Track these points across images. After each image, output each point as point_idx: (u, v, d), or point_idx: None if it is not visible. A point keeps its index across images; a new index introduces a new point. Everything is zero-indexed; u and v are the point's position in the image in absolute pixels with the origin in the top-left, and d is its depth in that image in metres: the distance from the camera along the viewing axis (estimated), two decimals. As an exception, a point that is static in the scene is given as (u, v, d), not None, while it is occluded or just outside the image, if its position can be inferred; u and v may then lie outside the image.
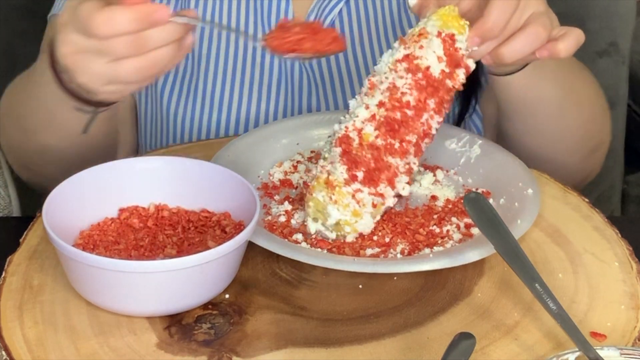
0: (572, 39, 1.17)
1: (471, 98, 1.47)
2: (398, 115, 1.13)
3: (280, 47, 1.11)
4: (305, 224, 1.15)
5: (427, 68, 1.14)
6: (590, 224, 1.20)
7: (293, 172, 1.26)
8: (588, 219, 1.21)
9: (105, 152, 1.37)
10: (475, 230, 1.16)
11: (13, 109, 1.34)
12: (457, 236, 1.16)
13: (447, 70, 1.14)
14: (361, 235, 1.15)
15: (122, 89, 1.11)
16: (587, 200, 1.24)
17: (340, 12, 1.44)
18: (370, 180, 1.12)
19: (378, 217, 1.15)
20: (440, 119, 1.16)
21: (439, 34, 1.14)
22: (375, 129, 1.13)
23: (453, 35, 1.14)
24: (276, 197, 1.22)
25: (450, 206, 1.21)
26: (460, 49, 1.15)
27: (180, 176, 1.15)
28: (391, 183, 1.13)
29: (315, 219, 1.14)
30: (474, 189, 1.24)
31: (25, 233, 1.15)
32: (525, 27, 1.15)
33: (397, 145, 1.13)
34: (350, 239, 1.13)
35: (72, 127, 1.23)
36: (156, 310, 1.04)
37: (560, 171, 1.31)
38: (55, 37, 1.10)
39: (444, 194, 1.23)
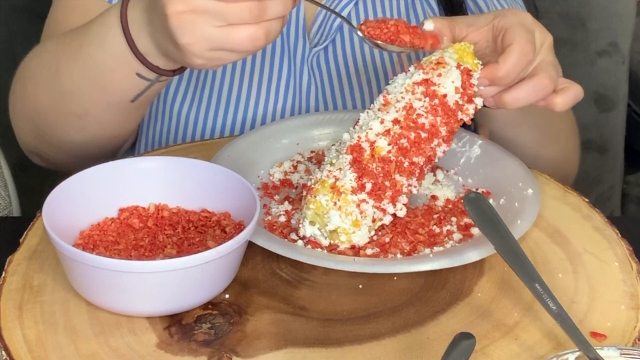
0: (571, 94, 1.19)
1: None
2: (412, 135, 1.15)
3: (379, 37, 1.16)
4: (301, 225, 1.14)
5: (444, 96, 1.16)
6: (590, 224, 1.20)
7: (293, 172, 1.26)
8: (588, 219, 1.21)
9: (124, 140, 1.36)
10: (475, 230, 1.16)
11: (46, 70, 1.29)
12: (457, 236, 1.16)
13: (460, 102, 1.17)
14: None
15: (226, 57, 1.09)
16: (587, 200, 1.24)
17: (348, 14, 1.44)
18: (377, 193, 1.12)
19: (372, 233, 1.15)
20: (446, 148, 1.17)
21: (458, 65, 1.17)
22: (389, 144, 1.14)
23: (470, 70, 1.17)
24: (276, 197, 1.22)
25: (450, 206, 1.21)
26: (474, 85, 1.17)
27: (180, 176, 1.15)
28: (393, 201, 1.14)
29: (312, 222, 1.13)
30: (474, 189, 1.24)
31: (25, 233, 1.15)
32: (533, 77, 1.17)
33: (406, 164, 1.14)
34: (342, 247, 1.13)
35: (122, 94, 1.21)
36: (156, 310, 1.04)
37: None
38: None
39: (444, 194, 1.23)
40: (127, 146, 1.47)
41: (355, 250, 1.13)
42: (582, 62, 1.96)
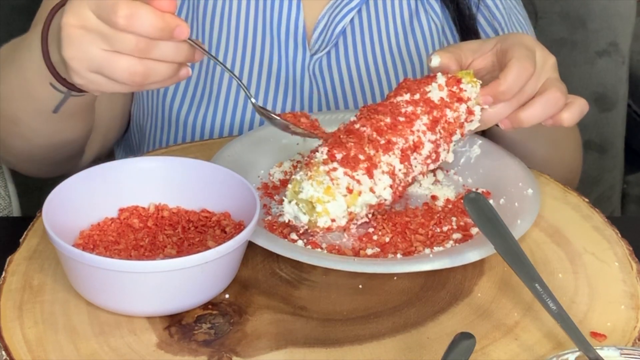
0: (577, 108, 1.20)
1: None
2: (388, 119, 1.16)
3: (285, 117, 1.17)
4: (284, 210, 1.14)
5: (426, 92, 1.18)
6: (590, 224, 1.20)
7: (293, 172, 1.26)
8: (588, 219, 1.21)
9: (73, 150, 1.35)
10: (475, 230, 1.16)
11: None
12: (457, 236, 1.16)
13: (447, 100, 1.18)
14: (361, 236, 1.15)
15: (103, 84, 1.08)
16: (587, 200, 1.24)
17: (352, 20, 1.44)
18: (348, 163, 1.12)
19: (357, 210, 1.14)
20: (434, 138, 1.17)
21: (445, 73, 1.20)
22: (363, 126, 1.15)
23: (460, 79, 1.19)
24: (276, 197, 1.22)
25: (450, 206, 1.21)
26: (465, 91, 1.19)
27: (180, 176, 1.15)
28: (369, 173, 1.13)
29: (290, 201, 1.13)
30: (474, 189, 1.24)
31: (25, 233, 1.15)
32: (544, 93, 1.18)
33: (382, 141, 1.15)
34: (322, 223, 1.12)
35: (43, 103, 1.21)
36: (156, 310, 1.04)
37: None
38: (67, 5, 1.07)
39: (444, 194, 1.23)
40: (94, 154, 1.46)
41: (356, 251, 1.13)
42: (582, 62, 1.96)
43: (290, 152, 1.30)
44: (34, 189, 1.67)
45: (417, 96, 1.18)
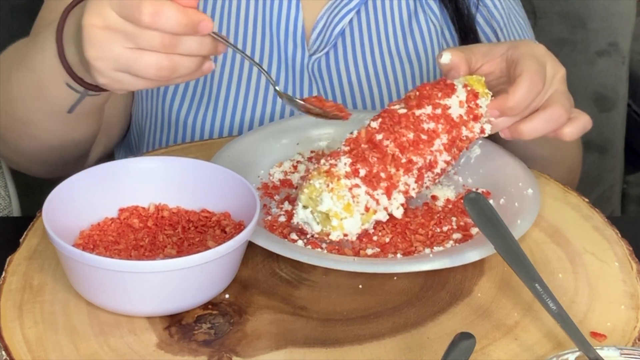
0: (579, 124, 1.21)
1: None
2: (411, 135, 1.15)
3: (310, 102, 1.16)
4: (294, 211, 1.14)
5: (448, 107, 1.17)
6: (590, 224, 1.20)
7: (293, 172, 1.26)
8: (588, 219, 1.21)
9: (82, 150, 1.36)
10: (475, 230, 1.16)
11: (2, 74, 1.30)
12: (457, 236, 1.16)
13: (465, 117, 1.18)
14: (360, 235, 1.15)
15: (129, 81, 1.08)
16: (587, 200, 1.24)
17: (350, 21, 1.44)
18: (370, 181, 1.12)
19: (367, 226, 1.14)
20: (448, 159, 1.18)
21: (465, 86, 1.19)
22: (387, 139, 1.14)
23: (477, 93, 1.19)
24: (276, 197, 1.22)
25: (450, 206, 1.21)
26: (481, 107, 1.19)
27: (180, 176, 1.15)
28: (388, 193, 1.13)
29: (305, 207, 1.13)
30: (474, 189, 1.24)
31: (25, 233, 1.15)
32: (547, 108, 1.18)
33: (403, 160, 1.14)
34: (334, 237, 1.13)
35: (58, 104, 1.21)
36: (156, 310, 1.04)
37: None
38: (87, 5, 1.07)
39: (444, 194, 1.23)
40: (98, 154, 1.46)
41: (356, 251, 1.13)
42: (582, 62, 1.96)
43: (290, 152, 1.30)
44: (34, 189, 1.67)
45: (438, 111, 1.17)
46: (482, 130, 1.20)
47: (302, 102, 1.15)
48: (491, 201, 1.20)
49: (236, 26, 1.43)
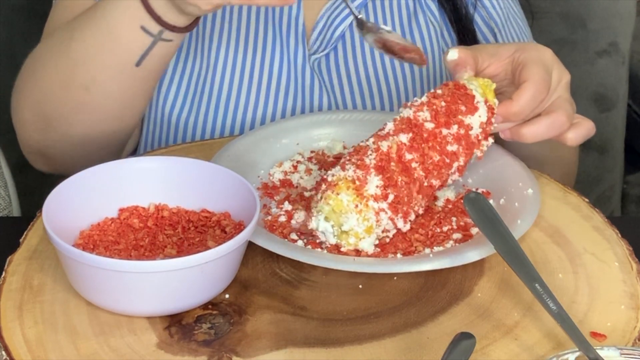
0: (582, 130, 1.21)
1: None
2: (437, 158, 1.16)
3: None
4: (311, 216, 1.13)
5: (470, 128, 1.18)
6: (590, 224, 1.20)
7: (293, 172, 1.26)
8: (588, 219, 1.21)
9: (124, 134, 1.36)
10: (475, 230, 1.16)
11: (58, 45, 1.30)
12: (457, 236, 1.16)
13: (480, 137, 1.19)
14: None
15: None
16: (587, 200, 1.24)
17: (350, 23, 1.44)
18: (395, 208, 1.12)
19: (377, 242, 1.14)
20: (457, 178, 1.20)
21: (486, 101, 1.19)
22: (416, 162, 1.14)
23: (493, 107, 1.19)
24: (276, 197, 1.22)
25: (450, 206, 1.21)
26: (494, 124, 1.20)
27: (180, 176, 1.15)
28: (405, 217, 1.14)
29: (327, 219, 1.12)
30: (474, 189, 1.24)
31: (25, 233, 1.15)
32: (551, 113, 1.19)
33: (425, 184, 1.15)
34: (344, 249, 1.13)
35: (128, 54, 1.22)
36: (156, 310, 1.04)
37: None
38: None
39: (444, 194, 1.23)
40: (130, 148, 1.47)
41: (356, 251, 1.13)
42: (582, 62, 1.96)
43: (290, 152, 1.30)
44: (34, 189, 1.68)
45: (462, 131, 1.17)
46: (487, 144, 1.21)
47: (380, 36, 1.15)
48: (491, 201, 1.20)
49: (238, 22, 1.43)
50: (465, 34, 1.46)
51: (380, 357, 1.01)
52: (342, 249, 1.12)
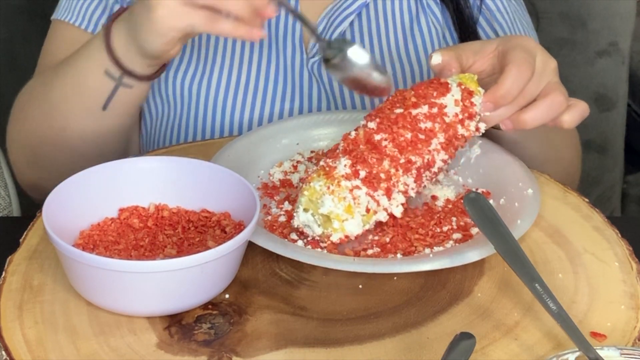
0: (577, 111, 1.21)
1: None
2: (409, 135, 1.15)
3: None
4: (294, 214, 1.14)
5: (444, 106, 1.18)
6: (590, 224, 1.20)
7: (293, 172, 1.26)
8: (588, 219, 1.21)
9: (116, 154, 1.37)
10: (475, 230, 1.16)
11: (41, 88, 1.35)
12: (457, 236, 1.16)
13: (460, 116, 1.18)
14: (360, 236, 1.15)
15: (194, 19, 1.14)
16: (587, 200, 1.24)
17: (351, 23, 1.44)
18: (370, 182, 1.12)
19: (368, 227, 1.14)
20: (445, 157, 1.18)
21: (459, 84, 1.20)
22: (386, 140, 1.15)
23: (472, 91, 1.19)
24: (276, 197, 1.22)
25: (450, 206, 1.21)
26: (476, 105, 1.19)
27: (180, 176, 1.15)
28: (388, 194, 1.14)
29: (306, 209, 1.13)
30: (474, 189, 1.24)
31: (25, 233, 1.15)
32: (547, 96, 1.19)
33: (402, 160, 1.14)
34: (335, 238, 1.13)
35: (94, 97, 1.27)
36: (156, 310, 1.04)
37: None
38: None
39: (444, 194, 1.23)
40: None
41: (356, 251, 1.13)
42: (582, 62, 1.96)
43: (290, 152, 1.30)
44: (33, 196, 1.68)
45: (434, 110, 1.17)
46: (477, 129, 1.20)
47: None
48: (491, 201, 1.20)
49: None
50: (468, 37, 1.46)
51: (380, 357, 1.01)
52: (333, 238, 1.12)
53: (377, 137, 1.15)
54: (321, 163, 1.15)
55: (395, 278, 1.11)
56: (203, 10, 1.14)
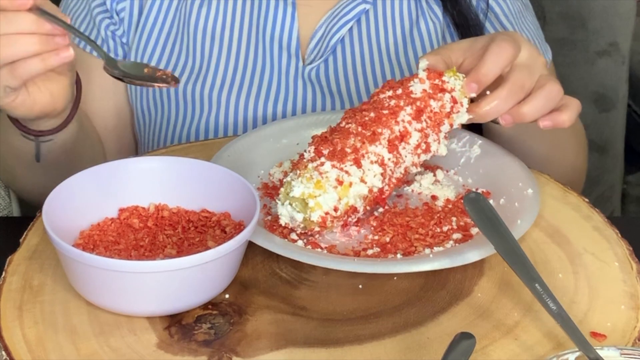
0: (573, 109, 1.21)
1: None
2: (372, 114, 1.17)
3: None
4: (279, 214, 1.14)
5: (408, 86, 1.19)
6: (590, 224, 1.20)
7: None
8: (588, 219, 1.21)
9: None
10: (475, 230, 1.16)
11: None
12: (457, 236, 1.16)
13: (430, 91, 1.19)
14: (359, 240, 1.15)
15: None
16: (587, 200, 1.24)
17: (350, 29, 1.43)
18: (335, 156, 1.13)
19: (352, 202, 1.14)
20: (419, 127, 1.18)
21: (427, 69, 1.21)
22: (344, 118, 1.18)
23: (441, 72, 1.20)
24: (276, 197, 1.22)
25: (450, 206, 1.21)
26: (448, 82, 1.20)
27: (180, 176, 1.15)
28: (357, 163, 1.14)
29: (284, 204, 1.13)
30: (474, 189, 1.24)
31: (25, 233, 1.15)
32: (543, 86, 1.19)
33: (368, 133, 1.15)
34: (315, 217, 1.12)
35: (25, 155, 1.26)
36: (156, 310, 1.04)
37: None
38: None
39: (444, 194, 1.23)
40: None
41: (356, 251, 1.13)
42: (582, 62, 1.96)
43: (290, 152, 1.30)
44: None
45: (399, 91, 1.19)
46: (455, 100, 1.19)
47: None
48: (491, 201, 1.20)
49: (230, 38, 1.42)
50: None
51: (380, 357, 1.01)
52: (313, 218, 1.11)
53: (342, 125, 1.17)
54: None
55: (395, 278, 1.11)
56: (2, 68, 1.09)
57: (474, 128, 1.32)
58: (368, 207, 1.17)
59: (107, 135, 1.47)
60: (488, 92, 1.19)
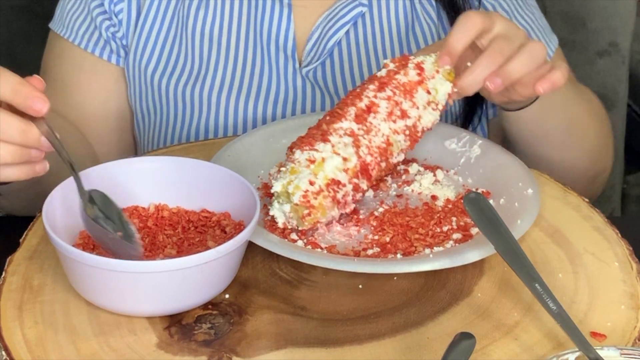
0: (563, 68, 1.20)
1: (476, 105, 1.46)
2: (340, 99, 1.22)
3: None
4: (275, 218, 1.14)
5: (376, 73, 1.21)
6: (590, 224, 1.20)
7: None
8: (588, 219, 1.21)
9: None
10: (475, 230, 1.16)
11: None
12: (457, 236, 1.16)
13: (394, 68, 1.20)
14: (359, 240, 1.15)
15: None
16: (587, 200, 1.24)
17: (347, 32, 1.43)
18: (302, 143, 1.15)
19: (332, 175, 1.14)
20: (385, 95, 1.18)
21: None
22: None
23: (407, 56, 1.21)
24: (269, 205, 1.22)
25: (450, 206, 1.21)
26: (413, 57, 1.21)
27: (180, 176, 1.15)
28: (324, 138, 1.15)
29: (272, 205, 1.14)
30: (474, 189, 1.24)
31: (25, 233, 1.15)
32: (525, 45, 1.18)
33: (334, 117, 1.18)
34: (296, 198, 1.11)
35: None
36: (156, 310, 1.04)
37: None
38: None
39: (444, 194, 1.23)
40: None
41: (356, 251, 1.13)
42: (582, 62, 1.96)
43: (290, 152, 1.30)
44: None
45: (365, 79, 1.22)
46: (421, 68, 1.19)
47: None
48: (491, 201, 1.20)
49: (228, 41, 1.42)
50: None
51: (380, 357, 1.01)
52: (295, 199, 1.11)
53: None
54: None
55: (395, 278, 1.11)
56: None
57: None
58: (357, 180, 1.16)
59: (108, 137, 1.47)
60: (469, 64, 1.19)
